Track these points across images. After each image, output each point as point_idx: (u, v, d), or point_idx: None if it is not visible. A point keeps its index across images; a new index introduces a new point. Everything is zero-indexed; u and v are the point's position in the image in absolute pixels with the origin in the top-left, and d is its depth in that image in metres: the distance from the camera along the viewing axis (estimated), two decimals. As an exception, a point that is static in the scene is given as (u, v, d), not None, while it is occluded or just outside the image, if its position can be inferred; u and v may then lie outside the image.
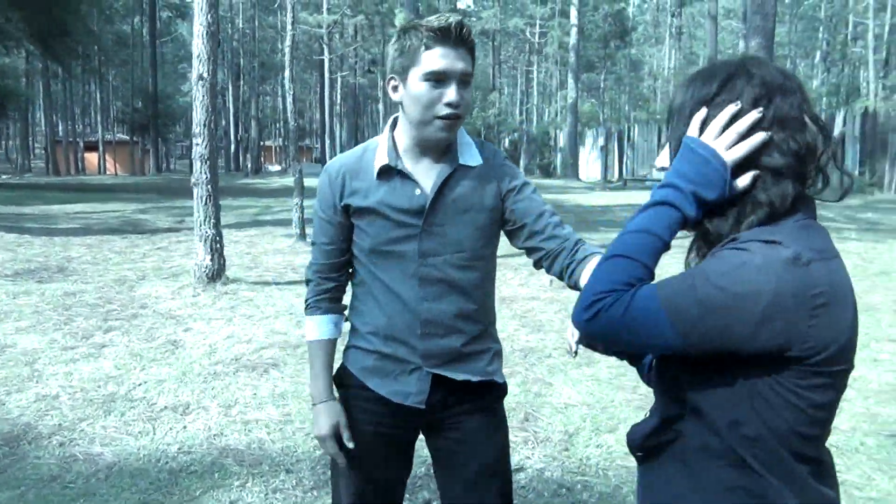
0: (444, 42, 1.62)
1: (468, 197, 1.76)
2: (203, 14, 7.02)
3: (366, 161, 1.78)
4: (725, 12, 48.64)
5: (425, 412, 1.80)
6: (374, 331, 1.80)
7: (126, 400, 4.25)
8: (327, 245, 1.84)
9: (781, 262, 1.01)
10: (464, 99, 1.66)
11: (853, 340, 1.07)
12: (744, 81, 1.13)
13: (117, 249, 9.90)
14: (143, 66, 48.81)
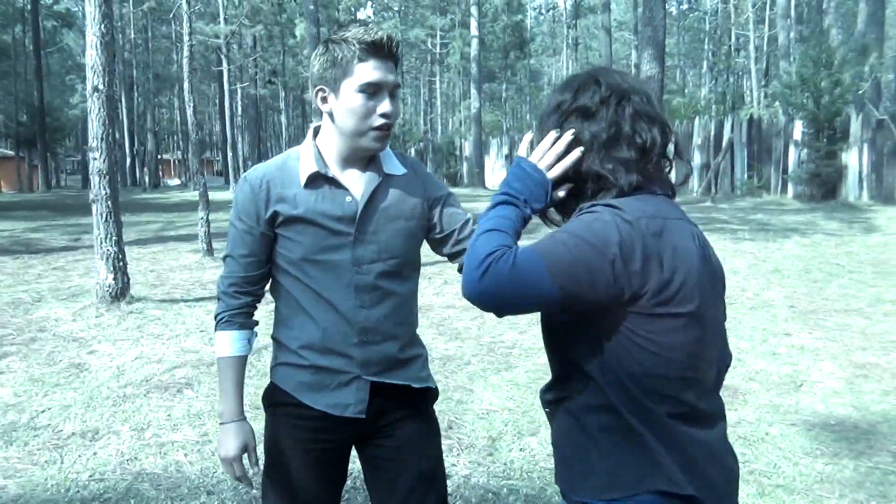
0: (377, 54, 1.65)
1: (397, 205, 1.79)
2: (96, 24, 6.74)
3: (289, 170, 1.76)
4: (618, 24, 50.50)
5: (363, 422, 1.78)
6: (308, 344, 1.76)
7: (29, 428, 4.02)
8: (246, 257, 1.79)
9: (622, 220, 1.24)
10: (395, 110, 1.70)
11: (691, 288, 1.26)
12: (594, 88, 1.38)
13: (9, 271, 9.36)
14: (27, 77, 46.36)
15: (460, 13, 43.30)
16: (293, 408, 1.78)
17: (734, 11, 41.74)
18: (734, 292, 7.36)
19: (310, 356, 1.76)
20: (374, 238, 1.75)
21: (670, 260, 1.25)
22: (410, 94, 61.53)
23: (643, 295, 1.23)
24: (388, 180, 1.79)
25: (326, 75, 1.68)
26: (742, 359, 5.22)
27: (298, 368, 1.78)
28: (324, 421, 1.77)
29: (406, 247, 1.81)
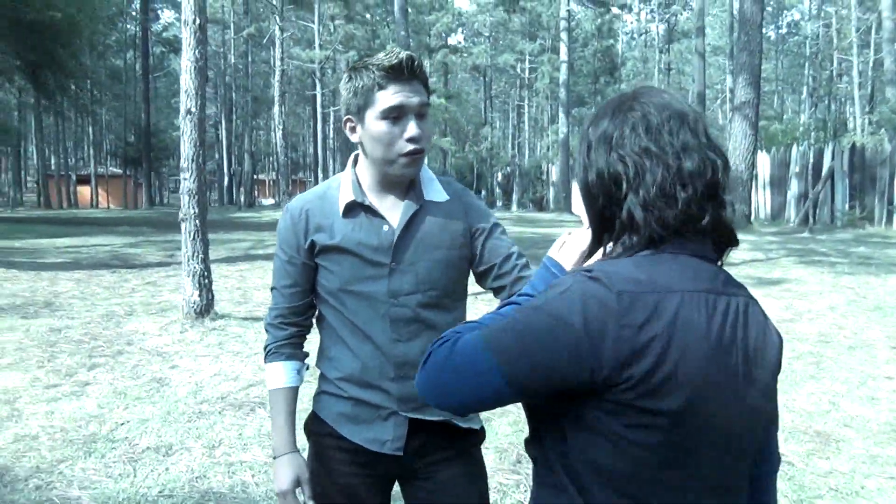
0: (398, 79, 1.60)
1: (437, 233, 1.72)
2: (191, 49, 7.02)
3: (329, 198, 1.73)
4: (713, 49, 49.35)
5: (402, 459, 1.72)
6: (347, 377, 1.72)
7: (107, 440, 4.14)
8: (289, 288, 1.77)
9: (596, 296, 1.01)
10: (424, 132, 1.63)
11: (682, 381, 1.00)
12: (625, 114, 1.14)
13: (106, 284, 9.79)
14: (136, 100, 49.00)
15: (550, 38, 43.27)
16: (333, 439, 1.75)
17: (836, 36, 40.16)
18: (831, 330, 6.96)
19: (348, 388, 1.73)
20: (412, 268, 1.69)
21: (659, 345, 0.99)
22: (499, 118, 61.76)
23: (617, 385, 1.00)
24: (427, 207, 1.72)
25: (351, 105, 1.65)
26: (837, 403, 4.89)
27: (338, 399, 1.75)
28: (363, 455, 1.72)
29: (446, 278, 1.74)
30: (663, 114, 1.10)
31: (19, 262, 11.75)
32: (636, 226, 1.08)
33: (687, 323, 1.01)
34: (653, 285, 1.03)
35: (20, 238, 16.07)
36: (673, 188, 1.06)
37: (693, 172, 1.07)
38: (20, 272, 10.51)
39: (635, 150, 1.09)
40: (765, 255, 12.35)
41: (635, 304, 1.00)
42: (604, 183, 1.11)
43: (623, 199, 1.09)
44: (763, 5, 17.81)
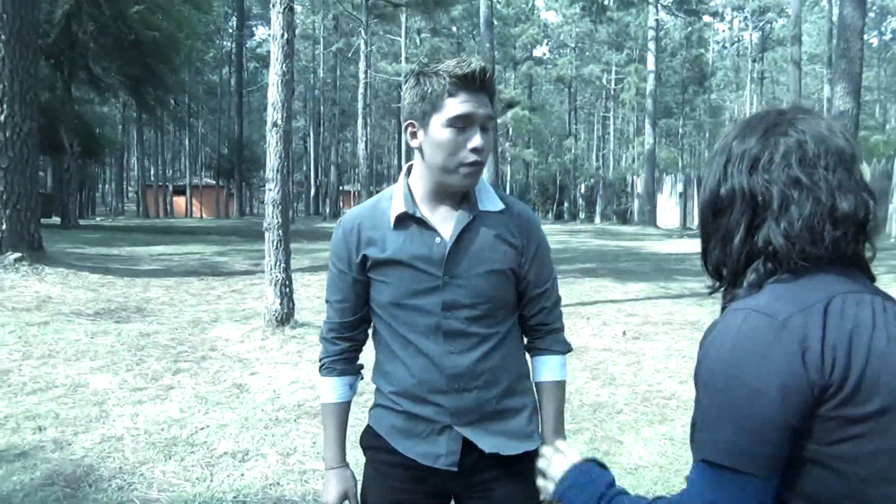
0: (468, 88, 1.58)
1: (490, 244, 1.68)
2: (279, 63, 7.20)
3: (381, 211, 1.71)
4: (809, 57, 47.51)
5: (457, 475, 1.68)
6: (401, 391, 1.70)
7: (187, 444, 4.24)
8: (341, 302, 1.76)
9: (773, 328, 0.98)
10: (487, 144, 1.61)
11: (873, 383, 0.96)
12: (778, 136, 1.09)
13: (194, 291, 10.14)
14: (230, 114, 50.87)
15: (637, 48, 42.57)
16: (386, 453, 1.73)
17: (947, 41, 37.95)
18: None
19: (402, 402, 1.70)
20: (464, 282, 1.66)
21: (843, 352, 0.96)
22: (583, 129, 61.13)
23: (819, 406, 0.96)
24: (481, 218, 1.69)
25: (416, 109, 1.62)
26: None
27: (392, 413, 1.73)
28: (416, 470, 1.70)
29: (499, 290, 1.70)
30: (821, 147, 1.05)
31: (116, 268, 12.31)
32: (776, 253, 1.04)
33: (859, 323, 0.99)
34: (812, 298, 1.00)
35: (118, 245, 16.87)
36: (822, 225, 1.02)
37: (847, 213, 1.03)
38: (116, 278, 11.01)
39: (783, 179, 1.05)
40: (863, 272, 11.71)
41: (807, 321, 0.97)
42: (737, 200, 1.08)
43: (759, 223, 1.06)
44: (865, 11, 17.00)
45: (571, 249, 17.73)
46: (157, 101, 27.12)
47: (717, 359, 1.00)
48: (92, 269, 11.60)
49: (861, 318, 0.99)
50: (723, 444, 0.97)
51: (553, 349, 1.81)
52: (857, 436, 0.96)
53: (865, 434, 0.96)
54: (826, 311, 0.98)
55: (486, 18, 20.19)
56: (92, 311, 8.32)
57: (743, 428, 0.96)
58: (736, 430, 0.96)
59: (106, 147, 32.68)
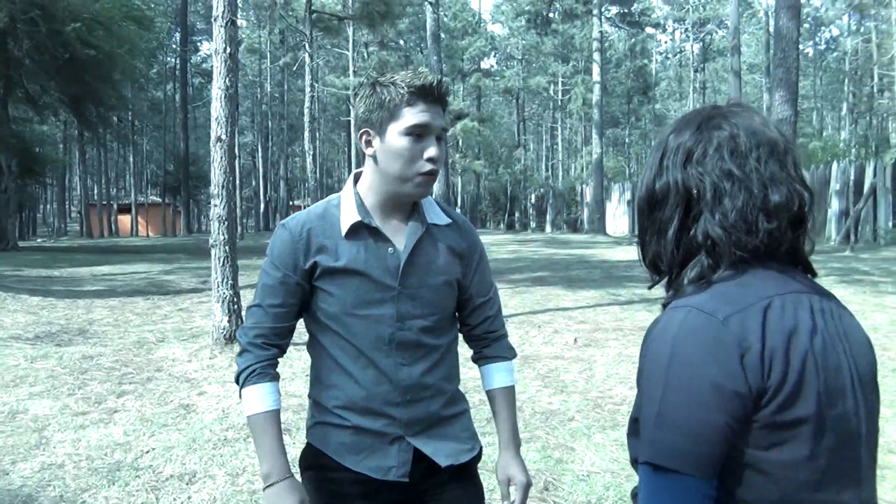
0: (426, 99, 1.60)
1: (440, 257, 1.71)
2: (222, 78, 7.10)
3: (330, 218, 1.69)
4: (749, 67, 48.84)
5: (407, 486, 1.68)
6: (347, 404, 1.67)
7: (132, 468, 4.12)
8: (276, 307, 1.68)
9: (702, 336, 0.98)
10: (441, 155, 1.62)
11: (809, 386, 0.97)
12: (711, 130, 1.10)
13: (139, 311, 9.90)
14: (175, 130, 50.05)
15: (583, 60, 43.22)
16: (333, 471, 1.69)
17: (877, 51, 39.46)
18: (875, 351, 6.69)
19: (350, 417, 1.67)
20: (418, 293, 1.67)
21: (781, 354, 0.96)
22: (532, 140, 61.74)
23: (758, 410, 0.96)
24: (431, 231, 1.71)
25: (372, 118, 1.62)
26: (882, 429, 4.66)
27: (338, 429, 1.69)
28: (365, 485, 1.67)
29: (446, 302, 1.74)
30: (752, 139, 1.06)
31: (57, 290, 11.95)
32: (715, 246, 1.04)
33: (798, 325, 0.99)
34: (751, 297, 1.00)
35: (60, 267, 16.39)
36: (755, 216, 1.03)
37: (779, 204, 1.04)
38: (57, 300, 10.68)
39: (716, 171, 1.05)
40: (805, 274, 12.02)
41: (745, 323, 0.97)
42: (671, 194, 1.09)
43: (696, 216, 1.07)
44: (800, 21, 17.56)
45: (523, 258, 17.84)
46: (99, 119, 26.55)
47: (657, 358, 1.00)
48: (32, 292, 11.25)
49: (800, 320, 1.00)
50: (664, 444, 0.97)
51: (503, 355, 1.85)
52: (793, 440, 0.96)
53: (801, 438, 0.96)
54: (765, 313, 0.98)
55: (433, 31, 20.28)
56: (32, 334, 8.05)
57: (683, 429, 0.96)
58: (676, 431, 0.96)
59: (46, 166, 31.82)
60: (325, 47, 40.00)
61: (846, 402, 1.01)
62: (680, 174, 1.08)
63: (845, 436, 1.00)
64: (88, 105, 24.15)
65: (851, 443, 1.02)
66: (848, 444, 1.01)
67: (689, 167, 1.08)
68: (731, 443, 0.97)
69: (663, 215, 1.10)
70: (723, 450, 0.96)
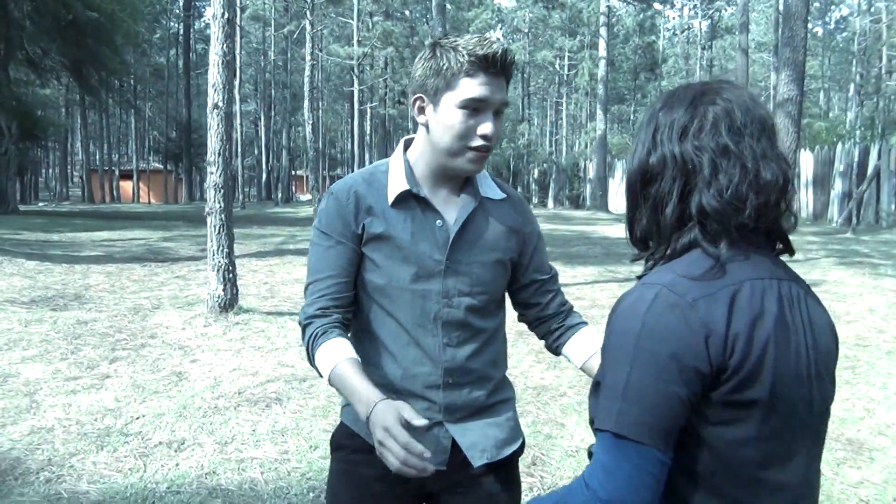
0: (487, 70, 1.46)
1: (492, 233, 1.61)
2: (219, 44, 7.01)
3: (377, 183, 1.59)
4: (757, 45, 48.37)
5: (443, 474, 1.57)
6: (386, 384, 1.56)
7: (121, 434, 4.12)
8: (334, 278, 1.55)
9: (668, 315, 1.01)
10: (497, 131, 1.51)
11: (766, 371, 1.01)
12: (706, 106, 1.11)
13: (136, 277, 9.89)
14: (178, 96, 49.78)
15: (589, 35, 42.81)
16: (363, 453, 1.58)
17: (886, 31, 39.02)
18: (870, 333, 6.70)
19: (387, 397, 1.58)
20: (467, 269, 1.57)
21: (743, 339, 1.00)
22: (537, 115, 61.35)
23: (714, 388, 1.00)
24: (484, 205, 1.61)
25: (428, 84, 1.51)
26: (872, 410, 4.68)
27: None
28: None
29: (497, 282, 1.63)
30: (747, 116, 1.08)
31: (55, 254, 11.94)
32: (708, 219, 1.06)
33: (764, 311, 1.02)
34: (720, 282, 1.02)
35: (59, 231, 16.37)
36: (747, 192, 1.04)
37: (769, 181, 1.05)
38: (54, 265, 10.67)
39: (713, 146, 1.06)
40: (804, 255, 12.01)
41: (712, 307, 1.00)
42: (668, 167, 1.09)
43: (690, 191, 1.07)
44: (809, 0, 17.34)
45: (523, 234, 17.76)
46: (101, 83, 26.43)
47: (626, 333, 1.02)
48: (29, 256, 11.24)
49: (766, 307, 1.02)
50: (629, 417, 0.99)
51: (585, 322, 1.75)
52: (744, 419, 1.00)
53: (751, 419, 1.00)
54: (733, 298, 1.01)
55: (439, 2, 20.00)
56: (27, 298, 8.04)
57: (647, 403, 0.98)
58: (641, 405, 0.98)
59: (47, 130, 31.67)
60: (330, 16, 39.57)
61: (800, 389, 1.05)
62: (678, 148, 1.08)
63: (794, 420, 1.04)
64: (90, 69, 24.00)
65: (800, 427, 1.06)
66: (796, 428, 1.05)
67: (685, 141, 1.08)
68: (687, 417, 1.00)
69: (660, 190, 1.10)
70: (681, 423, 1.00)
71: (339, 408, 4.58)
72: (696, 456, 1.02)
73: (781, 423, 1.03)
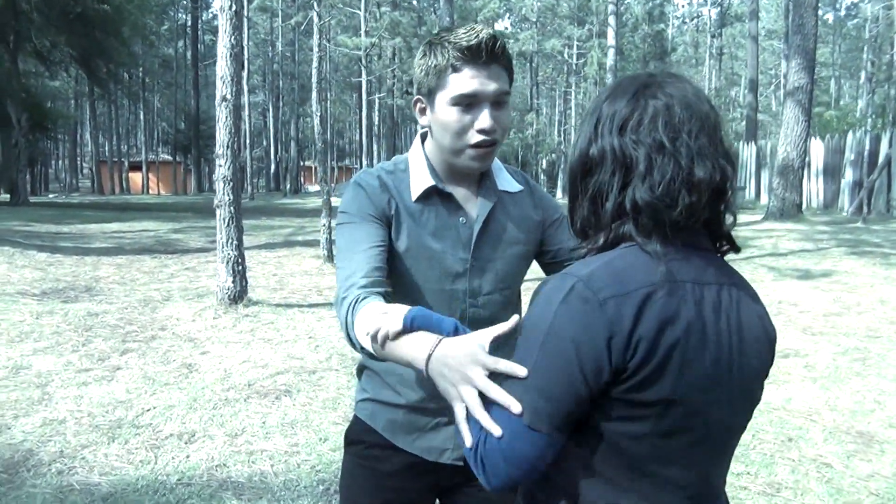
0: (475, 61, 1.41)
1: (513, 227, 1.58)
2: (227, 36, 7.01)
3: (400, 179, 1.55)
4: (767, 33, 48.02)
5: (459, 469, 1.56)
6: (406, 379, 1.54)
7: (132, 426, 4.15)
8: (364, 252, 1.43)
9: (578, 309, 1.02)
10: (499, 122, 1.44)
11: (667, 375, 1.01)
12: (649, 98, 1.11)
13: (146, 269, 9.94)
14: (186, 88, 49.82)
15: (598, 23, 42.56)
16: (379, 448, 1.59)
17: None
18: (881, 324, 6.66)
19: (406, 393, 1.56)
20: (492, 266, 1.54)
21: (646, 343, 0.99)
22: (545, 104, 61.14)
23: (612, 384, 1.01)
24: (503, 199, 1.58)
25: (423, 84, 1.48)
26: (882, 402, 4.66)
27: (390, 407, 1.58)
28: (416, 466, 1.58)
29: (520, 274, 1.61)
30: (686, 112, 1.07)
31: (65, 246, 12.01)
32: (640, 214, 1.06)
33: (676, 317, 1.01)
34: (637, 282, 1.02)
35: (69, 223, 16.45)
36: (678, 191, 1.04)
37: (702, 179, 1.05)
38: (65, 257, 10.73)
39: (649, 142, 1.06)
40: (814, 245, 11.94)
41: (621, 308, 1.00)
42: (607, 159, 1.09)
43: (626, 184, 1.07)
44: (819, -13, 17.17)
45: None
46: (109, 75, 26.45)
47: (539, 322, 1.04)
48: (40, 248, 11.30)
49: (681, 311, 1.02)
50: (529, 405, 1.01)
51: None
52: (639, 418, 1.02)
53: (646, 417, 1.02)
54: (645, 300, 1.00)
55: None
56: (38, 290, 8.10)
57: (547, 391, 1.00)
58: (541, 392, 1.01)
59: (57, 121, 31.82)
60: (338, 6, 39.51)
61: (712, 394, 1.05)
62: (617, 140, 1.08)
63: (696, 424, 1.05)
64: (98, 61, 24.05)
65: (706, 430, 1.06)
66: (701, 431, 1.06)
67: (624, 135, 1.08)
68: (587, 412, 1.03)
69: (599, 181, 1.10)
70: (579, 414, 1.02)
71: (348, 400, 4.61)
72: (598, 452, 1.05)
73: (680, 426, 1.04)
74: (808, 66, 16.53)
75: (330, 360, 5.52)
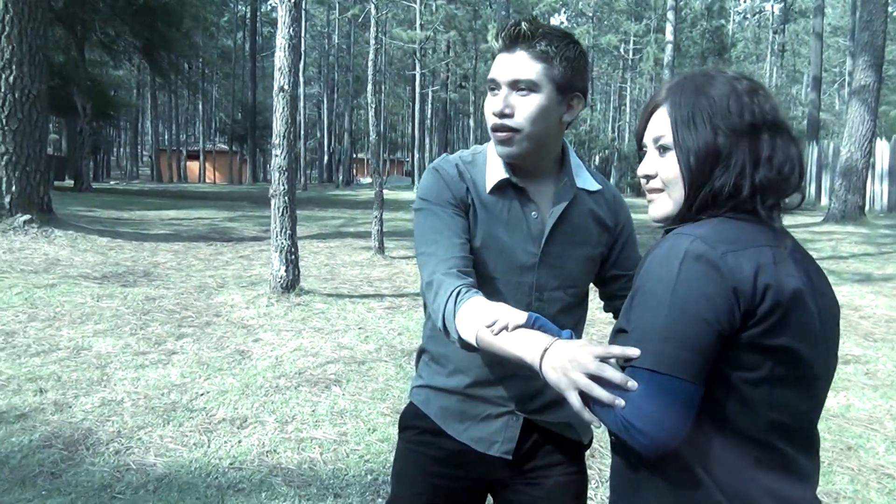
0: (501, 50, 1.47)
1: (586, 227, 1.57)
2: (286, 27, 7.09)
3: (477, 167, 1.56)
4: (832, 29, 46.61)
5: (508, 463, 1.56)
6: (463, 368, 1.55)
7: (186, 409, 4.24)
8: (460, 236, 1.46)
9: (700, 267, 1.08)
10: (519, 109, 1.44)
11: (790, 324, 1.09)
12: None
13: (202, 256, 10.14)
14: (244, 79, 50.66)
15: (656, 18, 41.88)
16: (431, 435, 1.59)
17: (974, 14, 37.06)
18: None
19: (462, 381, 1.56)
20: (559, 262, 1.54)
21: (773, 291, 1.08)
22: (600, 100, 60.46)
23: (744, 330, 1.08)
24: (579, 197, 1.56)
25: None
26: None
27: (444, 394, 1.59)
28: (465, 455, 1.57)
29: (587, 276, 1.60)
30: (779, 107, 1.19)
31: (125, 232, 12.33)
32: (765, 193, 1.14)
33: (789, 272, 1.10)
34: (748, 242, 1.10)
35: (130, 209, 16.90)
36: (791, 171, 1.15)
37: (800, 157, 1.17)
38: (125, 242, 11.03)
39: (768, 124, 1.15)
40: (877, 248, 11.57)
41: (740, 260, 1.07)
42: (739, 144, 1.15)
43: (755, 164, 1.15)
44: (889, -19, 16.59)
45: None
46: (170, 66, 27.06)
47: (663, 279, 1.09)
48: (101, 233, 11.62)
49: (791, 271, 1.11)
50: (669, 357, 1.06)
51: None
52: (762, 364, 1.08)
53: (766, 364, 1.08)
54: (760, 256, 1.09)
55: (503, -15, 19.87)
56: (99, 274, 8.33)
57: (684, 341, 1.06)
58: (678, 344, 1.06)
59: (120, 110, 32.70)
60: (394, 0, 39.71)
61: (816, 350, 1.13)
62: (744, 127, 1.16)
63: (806, 372, 1.12)
64: (160, 51, 24.63)
65: (810, 380, 1.13)
66: (807, 381, 1.13)
67: (743, 122, 1.16)
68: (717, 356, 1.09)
69: (732, 163, 1.15)
70: (713, 360, 1.08)
71: (397, 392, 4.63)
72: (719, 396, 1.10)
73: (794, 373, 1.10)
74: (875, 64, 16.00)
75: (379, 352, 5.55)
